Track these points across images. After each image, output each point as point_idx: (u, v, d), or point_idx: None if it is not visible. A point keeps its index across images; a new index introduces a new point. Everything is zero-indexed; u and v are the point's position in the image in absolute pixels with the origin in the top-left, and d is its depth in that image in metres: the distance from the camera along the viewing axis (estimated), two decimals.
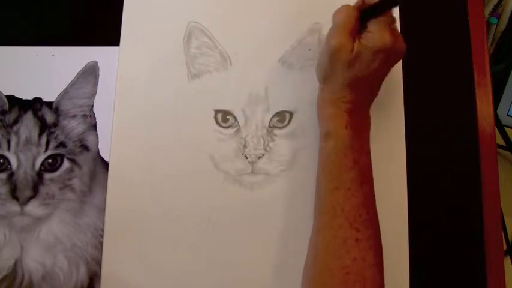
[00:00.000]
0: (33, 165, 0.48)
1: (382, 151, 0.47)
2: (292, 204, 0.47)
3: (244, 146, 0.48)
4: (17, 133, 0.48)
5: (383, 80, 0.43)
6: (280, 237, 0.47)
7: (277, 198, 0.48)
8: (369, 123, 0.43)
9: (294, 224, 0.47)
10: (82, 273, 0.48)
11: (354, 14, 0.41)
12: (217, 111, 0.49)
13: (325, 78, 0.43)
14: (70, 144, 0.49)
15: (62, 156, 0.49)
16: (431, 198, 0.48)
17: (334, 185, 0.40)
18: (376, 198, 0.41)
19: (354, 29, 0.41)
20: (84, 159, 0.49)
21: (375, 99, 0.44)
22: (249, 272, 0.47)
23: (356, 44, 0.40)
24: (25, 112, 0.49)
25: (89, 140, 0.50)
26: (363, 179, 0.41)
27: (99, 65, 0.51)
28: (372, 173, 0.42)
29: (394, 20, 0.41)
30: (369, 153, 0.42)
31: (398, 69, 0.49)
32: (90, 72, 0.51)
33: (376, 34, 0.39)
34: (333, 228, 0.39)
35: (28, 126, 0.49)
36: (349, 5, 0.42)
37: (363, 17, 0.41)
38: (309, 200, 0.43)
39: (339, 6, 0.41)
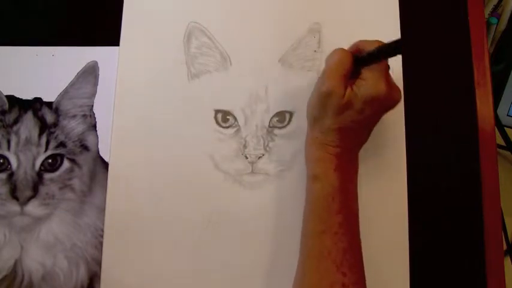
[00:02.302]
0: (33, 165, 0.48)
1: (382, 151, 0.48)
2: (292, 204, 0.47)
3: (244, 146, 0.48)
4: (17, 133, 0.48)
5: (373, 127, 0.42)
6: (280, 237, 0.47)
7: (277, 199, 0.48)
8: (357, 170, 0.42)
9: (294, 224, 0.47)
10: (82, 273, 0.48)
11: (348, 59, 0.39)
12: (217, 111, 0.49)
13: (315, 120, 0.42)
14: (70, 144, 0.49)
15: (62, 156, 0.49)
16: (431, 198, 0.47)
17: (322, 228, 0.40)
18: (377, 198, 0.41)
19: (347, 73, 0.39)
20: (84, 159, 0.49)
21: None
22: (248, 272, 0.47)
23: (348, 90, 0.39)
24: (25, 112, 0.49)
25: (89, 140, 0.50)
26: (350, 222, 0.40)
27: (99, 65, 0.51)
28: (358, 217, 0.41)
29: (388, 67, 0.40)
30: (356, 198, 0.42)
31: (398, 69, 0.49)
32: (90, 72, 0.51)
33: (370, 82, 0.38)
34: (319, 272, 0.39)
35: (28, 126, 0.49)
36: (343, 49, 0.40)
37: (357, 62, 0.40)
38: None
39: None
